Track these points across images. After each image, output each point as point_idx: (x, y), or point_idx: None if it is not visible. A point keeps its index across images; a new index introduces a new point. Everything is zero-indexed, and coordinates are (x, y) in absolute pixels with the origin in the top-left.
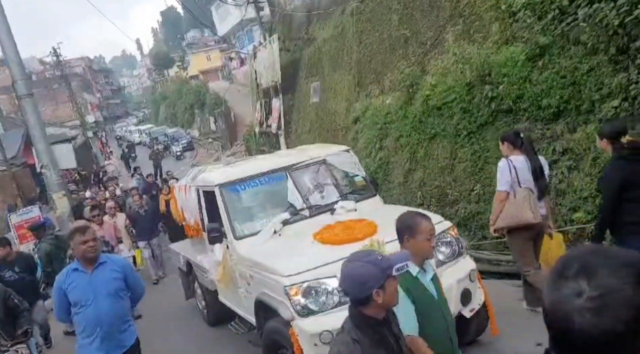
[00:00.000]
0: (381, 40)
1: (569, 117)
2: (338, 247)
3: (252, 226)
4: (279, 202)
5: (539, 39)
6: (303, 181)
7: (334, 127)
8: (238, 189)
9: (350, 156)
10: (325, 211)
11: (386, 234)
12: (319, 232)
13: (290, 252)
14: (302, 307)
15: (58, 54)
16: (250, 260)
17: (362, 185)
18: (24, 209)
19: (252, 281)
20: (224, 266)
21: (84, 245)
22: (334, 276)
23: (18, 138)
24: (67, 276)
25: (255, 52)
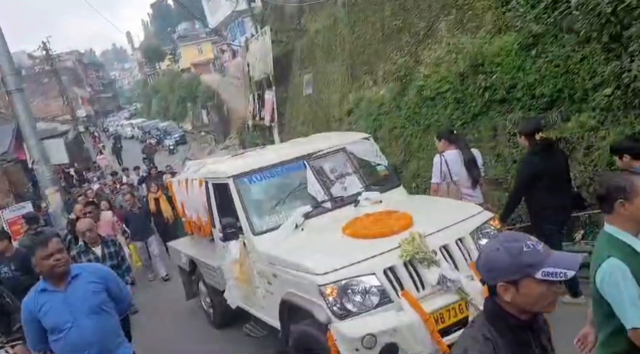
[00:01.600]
0: (374, 31)
1: (562, 106)
2: (373, 242)
3: (271, 221)
4: (298, 194)
5: (532, 28)
6: (323, 171)
7: (327, 119)
8: (254, 180)
9: (370, 144)
10: (349, 203)
11: (424, 227)
12: (348, 225)
13: (320, 248)
14: (340, 308)
15: (48, 48)
16: (273, 257)
17: (385, 175)
18: (16, 205)
19: (275, 280)
20: (241, 264)
21: (49, 260)
22: (373, 274)
23: (9, 133)
24: (36, 299)
25: (247, 44)
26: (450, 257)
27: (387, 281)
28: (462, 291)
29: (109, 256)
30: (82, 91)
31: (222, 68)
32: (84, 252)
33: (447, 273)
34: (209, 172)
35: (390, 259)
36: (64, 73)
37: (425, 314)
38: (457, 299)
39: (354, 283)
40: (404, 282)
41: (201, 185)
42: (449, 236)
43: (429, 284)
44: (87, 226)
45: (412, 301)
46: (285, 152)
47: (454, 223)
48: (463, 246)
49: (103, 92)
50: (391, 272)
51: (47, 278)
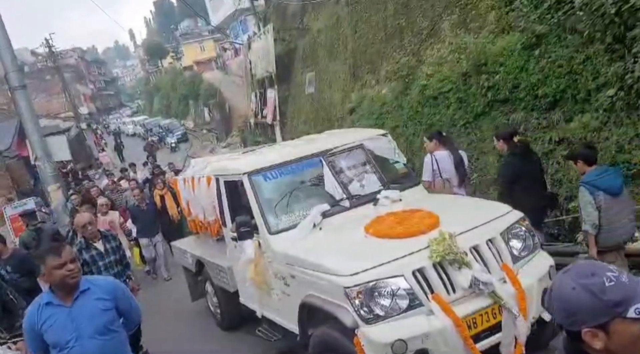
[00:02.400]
0: (377, 30)
1: (565, 106)
2: (399, 242)
3: (287, 220)
4: (314, 192)
5: (535, 28)
6: (340, 168)
7: (329, 117)
8: (269, 177)
9: (388, 140)
10: (367, 202)
11: (452, 226)
12: (371, 225)
13: (343, 248)
14: (368, 312)
15: (50, 45)
16: (292, 258)
17: (404, 173)
18: (19, 202)
19: (294, 282)
20: (255, 265)
21: (61, 269)
22: (401, 276)
23: (11, 130)
24: (40, 312)
25: (249, 42)
26: (481, 259)
27: (416, 284)
28: (495, 294)
29: (111, 251)
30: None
31: (224, 66)
32: (85, 249)
33: (479, 275)
34: (221, 169)
35: (419, 260)
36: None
37: (457, 319)
38: (490, 304)
39: (381, 286)
40: (434, 284)
41: (210, 183)
42: (479, 236)
43: (460, 287)
44: (87, 219)
45: (444, 305)
46: (301, 149)
47: (483, 223)
48: (494, 247)
49: (105, 89)
50: (420, 274)
51: (56, 290)
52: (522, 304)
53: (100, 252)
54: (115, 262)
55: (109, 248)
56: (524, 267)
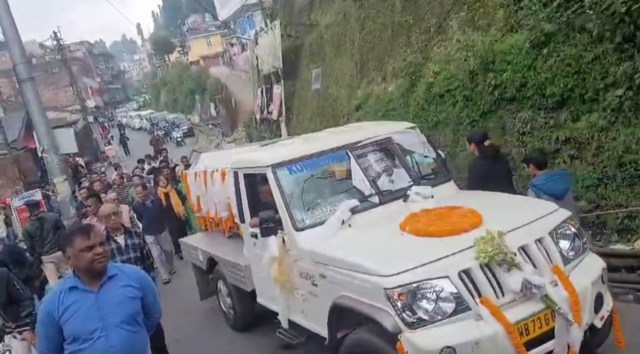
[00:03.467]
0: (384, 26)
1: (573, 105)
2: (441, 241)
3: (314, 215)
4: (341, 187)
5: (544, 27)
6: (368, 162)
7: (335, 114)
8: (294, 170)
9: (417, 134)
10: (397, 198)
11: (496, 224)
12: (407, 222)
13: (380, 247)
14: (411, 315)
15: (59, 38)
16: (322, 256)
17: (434, 168)
18: (26, 193)
19: (323, 282)
20: (279, 263)
21: (89, 252)
22: (446, 277)
23: (19, 122)
24: (62, 297)
25: (256, 38)
26: (530, 260)
27: (462, 286)
28: (548, 299)
29: (132, 248)
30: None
31: (230, 61)
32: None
33: (531, 278)
34: (241, 162)
35: (465, 261)
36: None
37: (509, 324)
38: (542, 308)
39: (425, 287)
40: (481, 287)
41: (224, 177)
42: (527, 236)
43: (510, 290)
44: (111, 209)
45: (494, 310)
46: (326, 141)
47: (529, 221)
48: (543, 248)
49: (112, 83)
50: (466, 275)
51: (81, 274)
52: (576, 310)
53: (119, 247)
54: (135, 260)
55: (130, 244)
56: (574, 269)
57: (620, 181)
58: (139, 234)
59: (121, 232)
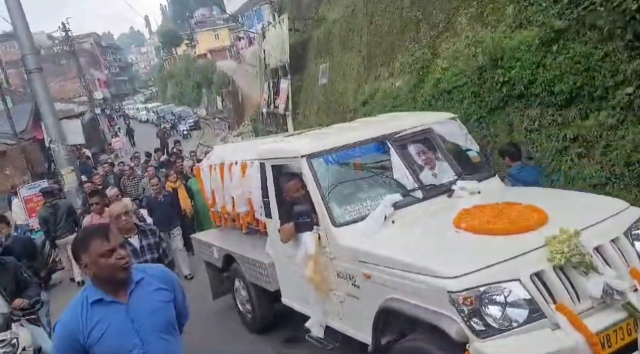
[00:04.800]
0: (392, 21)
1: (582, 103)
2: (507, 239)
3: (353, 210)
4: (380, 179)
5: (554, 23)
6: (408, 154)
7: (342, 109)
8: (331, 161)
9: (458, 125)
10: (441, 193)
11: (564, 222)
12: (460, 218)
13: (435, 245)
14: (480, 323)
15: (67, 29)
16: (367, 254)
17: (477, 162)
18: (33, 183)
19: (368, 283)
20: (315, 262)
21: (110, 257)
22: (517, 280)
23: (26, 113)
24: (86, 315)
25: (264, 31)
26: (606, 263)
27: (536, 290)
28: (631, 306)
29: (147, 249)
30: (99, 73)
31: (238, 55)
32: None
33: (612, 283)
34: (269, 153)
35: (537, 262)
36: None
37: (591, 335)
38: (624, 317)
39: (494, 291)
40: (556, 292)
41: (245, 170)
42: (601, 235)
43: (589, 296)
44: (122, 208)
45: (573, 318)
46: (363, 131)
47: (601, 220)
48: (618, 249)
49: (120, 75)
50: (538, 278)
51: (102, 284)
52: None
53: (135, 250)
54: (152, 262)
55: (146, 245)
56: None
57: (629, 180)
58: (155, 231)
59: (135, 233)
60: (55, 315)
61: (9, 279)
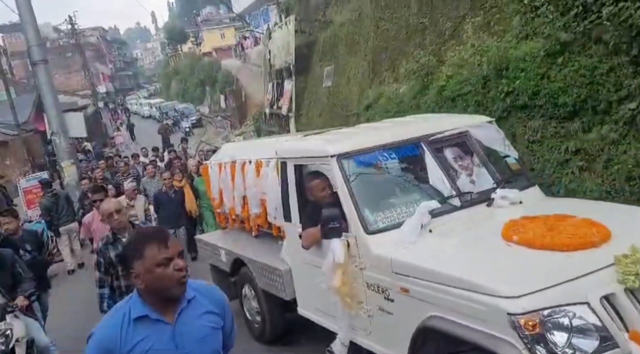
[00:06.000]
0: (399, 27)
1: (585, 116)
2: (568, 256)
3: (387, 217)
4: (415, 184)
5: (560, 36)
6: (444, 158)
7: (345, 112)
8: (362, 162)
9: (496, 130)
10: (480, 201)
11: (630, 239)
12: (509, 230)
13: (486, 258)
14: (546, 350)
15: (73, 22)
16: (405, 266)
17: (517, 169)
18: (33, 175)
19: (404, 297)
20: (343, 271)
21: (168, 267)
22: (586, 303)
23: (29, 104)
24: (125, 332)
25: (270, 32)
26: None
27: (607, 315)
28: None
29: None
30: (103, 68)
31: (243, 54)
32: (111, 244)
33: None
34: (292, 151)
35: (606, 283)
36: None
37: None
38: None
39: (560, 315)
40: (628, 318)
41: (260, 169)
42: None
43: None
44: (115, 206)
45: None
46: (395, 131)
47: None
48: None
49: (124, 70)
50: (608, 302)
51: (153, 298)
52: None
53: None
54: None
55: None
56: None
57: (629, 195)
58: None
59: (128, 231)
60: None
61: (5, 272)
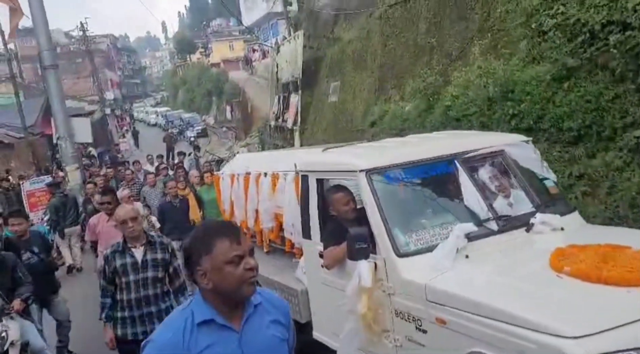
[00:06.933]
0: (406, 46)
1: (589, 142)
2: (631, 292)
3: (419, 238)
4: (447, 204)
5: (566, 61)
6: (479, 177)
7: (350, 128)
8: (393, 179)
9: (533, 149)
10: (518, 226)
11: None
12: (558, 260)
13: (539, 292)
14: None
15: (85, 29)
16: (444, 294)
17: (555, 193)
18: (36, 179)
19: (440, 329)
20: (369, 296)
21: (239, 265)
22: None
23: (37, 108)
24: (189, 337)
25: (278, 46)
26: None
27: None
28: None
29: (152, 265)
30: (112, 74)
31: (250, 67)
32: (120, 253)
33: None
34: (316, 165)
35: None
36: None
37: None
38: None
39: None
40: None
41: (276, 182)
42: None
43: None
44: (131, 213)
45: None
46: (429, 147)
47: None
48: None
49: (132, 77)
50: None
51: (220, 301)
52: None
53: (135, 263)
54: (154, 281)
55: (150, 260)
56: None
57: (632, 222)
58: (166, 246)
59: (141, 243)
60: None
61: (6, 275)
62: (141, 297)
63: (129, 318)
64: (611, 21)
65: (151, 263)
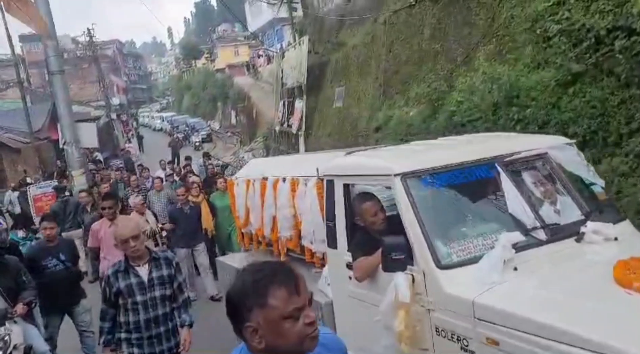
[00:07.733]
0: (411, 52)
1: (595, 148)
2: None
3: (462, 249)
4: (489, 212)
5: (572, 66)
6: (523, 182)
7: (354, 133)
8: (432, 184)
9: (576, 153)
10: (568, 236)
11: None
12: (624, 274)
13: (609, 311)
14: None
15: (92, 34)
16: (495, 311)
17: (604, 200)
18: (42, 183)
19: (492, 350)
20: (407, 312)
21: (298, 320)
22: None
23: (44, 113)
24: None
25: (283, 51)
26: None
27: None
28: None
29: (158, 283)
30: (118, 80)
31: (256, 72)
32: (123, 272)
33: None
34: (343, 168)
35: None
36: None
37: None
38: None
39: None
40: None
41: (296, 187)
42: None
43: None
44: (132, 231)
45: None
46: (466, 150)
47: None
48: None
49: (138, 83)
50: None
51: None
52: None
53: (141, 282)
54: (162, 299)
55: (156, 278)
56: None
57: (638, 228)
58: (170, 261)
59: (145, 260)
60: None
61: (9, 279)
62: (151, 318)
63: (136, 339)
64: (617, 27)
65: (158, 281)
